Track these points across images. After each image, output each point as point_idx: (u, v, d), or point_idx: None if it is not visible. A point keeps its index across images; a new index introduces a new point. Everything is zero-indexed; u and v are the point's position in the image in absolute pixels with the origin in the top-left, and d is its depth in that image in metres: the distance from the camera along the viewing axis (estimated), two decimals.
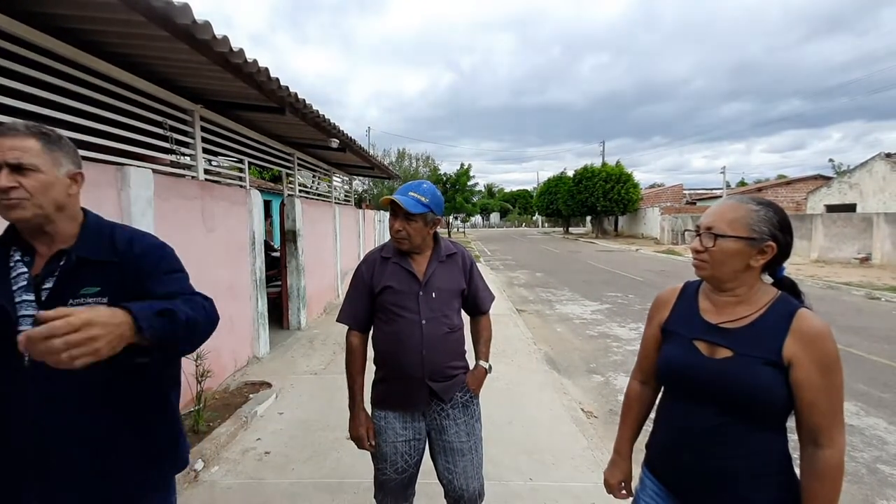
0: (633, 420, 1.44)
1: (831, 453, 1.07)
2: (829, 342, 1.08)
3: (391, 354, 1.75)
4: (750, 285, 1.18)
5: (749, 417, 1.12)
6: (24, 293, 1.09)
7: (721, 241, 1.14)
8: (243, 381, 4.39)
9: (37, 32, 2.61)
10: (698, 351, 1.19)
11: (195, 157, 4.18)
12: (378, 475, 1.84)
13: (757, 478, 1.13)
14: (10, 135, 1.07)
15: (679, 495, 1.25)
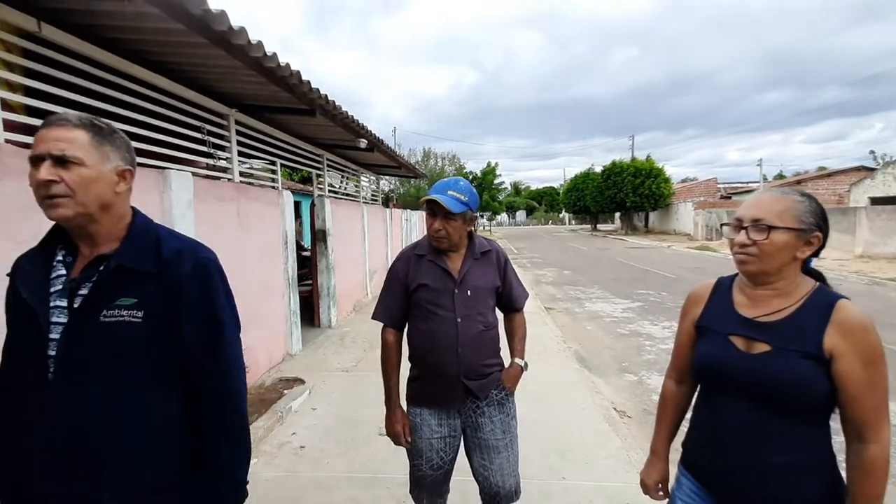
0: (668, 420, 1.42)
1: (877, 448, 1.04)
2: (871, 334, 1.06)
3: (427, 352, 1.77)
4: (791, 278, 1.15)
5: (788, 413, 1.09)
6: (58, 298, 1.02)
7: (773, 234, 1.10)
8: (277, 377, 4.51)
9: (85, 43, 2.74)
10: (734, 346, 1.17)
11: (231, 159, 4.31)
12: (414, 471, 1.86)
13: (798, 476, 1.10)
14: (58, 125, 1.00)
15: (717, 494, 1.22)
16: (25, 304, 1.01)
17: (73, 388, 0.98)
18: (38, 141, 0.99)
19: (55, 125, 0.99)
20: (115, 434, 1.00)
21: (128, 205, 1.10)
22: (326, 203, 6.58)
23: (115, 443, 1.00)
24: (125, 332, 1.00)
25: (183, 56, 3.19)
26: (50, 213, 0.99)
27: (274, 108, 4.53)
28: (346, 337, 6.19)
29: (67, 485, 0.99)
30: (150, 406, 1.04)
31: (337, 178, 8.54)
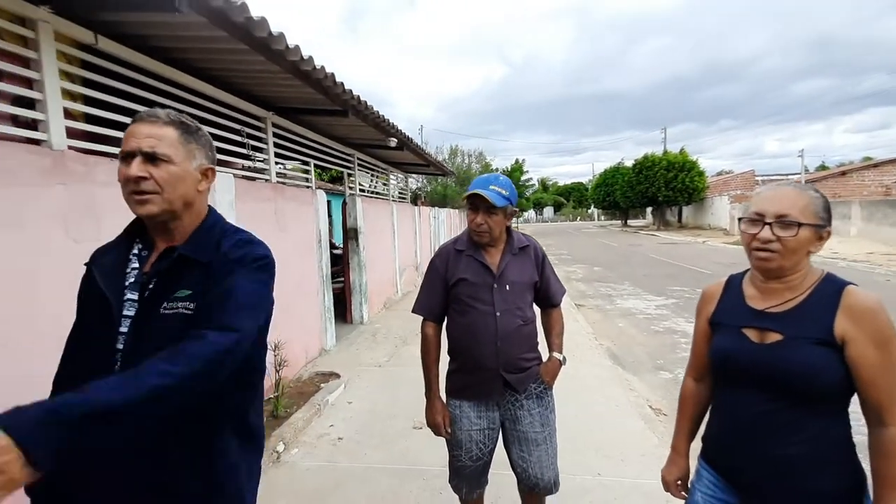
0: (688, 417, 1.42)
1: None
2: (881, 316, 1.05)
3: (466, 346, 1.80)
4: (803, 271, 1.16)
5: (803, 402, 1.09)
6: (130, 291, 1.03)
7: (801, 231, 1.09)
8: (314, 371, 4.65)
9: (136, 53, 2.89)
10: (747, 338, 1.18)
11: (268, 161, 4.46)
12: (453, 462, 1.90)
13: (817, 465, 1.09)
14: (149, 121, 1.02)
15: (737, 486, 1.22)
16: (102, 295, 1.01)
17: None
18: (128, 136, 1.01)
19: (146, 121, 1.01)
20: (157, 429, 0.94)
21: (206, 202, 1.13)
22: (358, 202, 6.70)
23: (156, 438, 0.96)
24: (179, 325, 0.98)
25: (224, 62, 3.32)
26: (137, 209, 1.01)
27: (308, 110, 4.65)
28: (377, 333, 6.30)
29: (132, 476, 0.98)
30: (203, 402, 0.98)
31: (367, 177, 8.68)
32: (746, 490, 1.20)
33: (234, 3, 2.31)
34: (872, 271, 11.55)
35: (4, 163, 1.98)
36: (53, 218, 2.20)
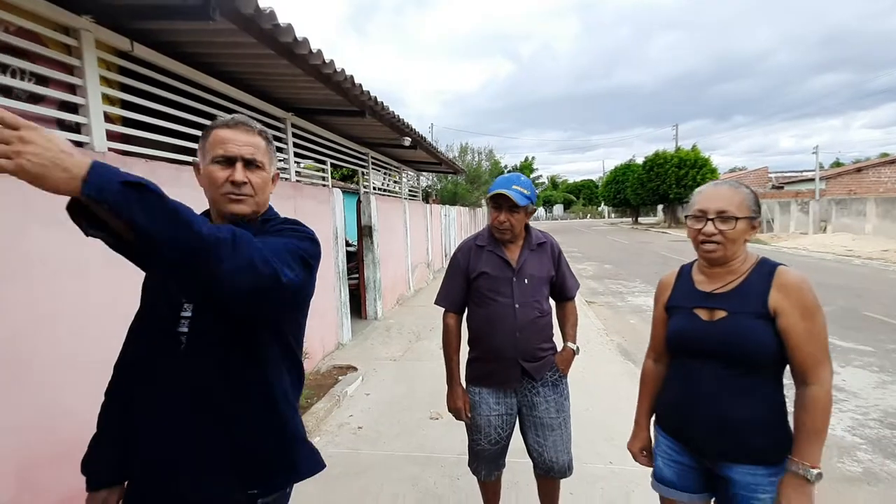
0: (649, 394, 1.59)
1: (818, 389, 1.20)
2: (806, 290, 1.23)
3: (486, 335, 1.91)
4: (741, 256, 1.34)
5: (747, 369, 1.26)
6: None
7: (738, 223, 1.28)
8: (331, 364, 4.79)
9: (169, 59, 3.03)
10: (698, 317, 1.35)
11: (288, 160, 4.59)
12: (473, 445, 2.01)
13: (756, 424, 1.26)
14: (246, 129, 1.11)
15: (689, 446, 1.39)
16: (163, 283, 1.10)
17: (197, 356, 1.06)
18: (225, 142, 1.07)
19: (242, 129, 1.09)
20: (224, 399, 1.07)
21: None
22: (372, 199, 6.83)
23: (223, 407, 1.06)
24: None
25: (249, 66, 3.45)
26: (232, 208, 1.08)
27: (326, 111, 4.78)
28: (391, 328, 6.43)
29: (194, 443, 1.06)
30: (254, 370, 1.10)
31: (380, 176, 8.81)
32: (698, 449, 1.37)
33: (263, 11, 2.43)
34: (887, 269, 11.44)
35: None
36: None
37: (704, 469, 1.38)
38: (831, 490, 2.75)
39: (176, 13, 2.31)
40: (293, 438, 1.17)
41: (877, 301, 7.72)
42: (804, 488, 1.18)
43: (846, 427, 3.50)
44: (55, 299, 2.06)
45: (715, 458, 1.33)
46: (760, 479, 1.25)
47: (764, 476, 1.25)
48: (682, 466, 1.42)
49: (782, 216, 24.00)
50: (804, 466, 1.18)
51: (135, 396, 1.13)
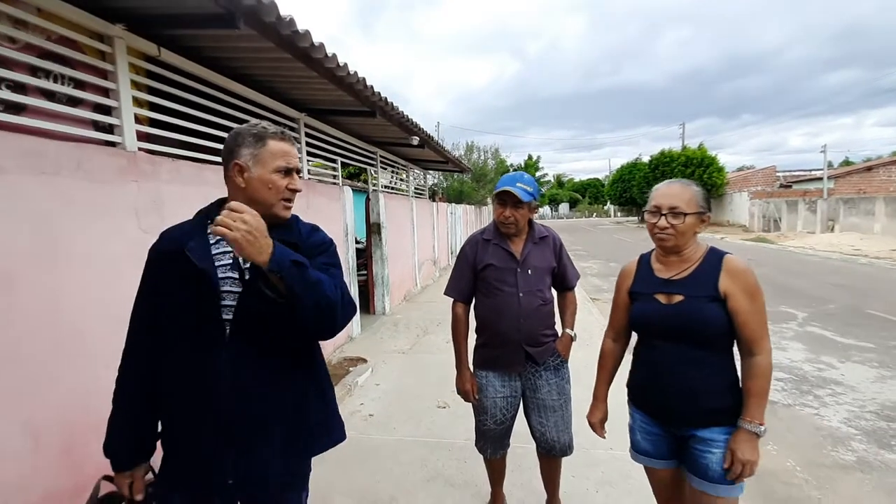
0: (607, 371, 1.80)
1: (761, 358, 1.41)
2: (750, 275, 1.44)
3: (493, 322, 2.05)
4: (693, 246, 1.53)
5: (702, 345, 1.45)
6: (230, 270, 1.20)
7: (687, 218, 1.47)
8: (342, 356, 4.96)
9: (192, 63, 3.19)
10: (659, 301, 1.53)
11: (301, 159, 4.76)
12: (479, 426, 2.15)
13: (712, 392, 1.45)
14: (293, 142, 1.25)
15: (658, 416, 1.58)
16: (200, 275, 1.16)
17: (244, 342, 1.17)
18: (286, 155, 1.22)
19: (291, 141, 1.26)
20: (277, 379, 1.21)
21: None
22: (381, 197, 6.99)
23: (278, 386, 1.21)
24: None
25: (266, 69, 3.61)
26: (285, 214, 1.24)
27: (337, 111, 4.94)
28: (399, 323, 6.59)
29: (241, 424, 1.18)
30: (298, 354, 1.27)
31: (388, 174, 8.97)
32: (665, 417, 1.55)
33: (284, 19, 2.58)
34: (893, 268, 11.44)
35: (90, 163, 2.29)
36: (128, 210, 2.50)
37: (672, 436, 1.56)
38: (825, 476, 2.87)
39: (204, 21, 2.47)
40: (334, 408, 1.38)
41: (881, 299, 7.77)
42: (753, 441, 1.39)
43: (842, 419, 3.61)
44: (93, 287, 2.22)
45: (679, 423, 1.52)
46: (716, 436, 1.45)
47: (718, 434, 1.45)
48: (655, 436, 1.60)
49: (790, 215, 23.92)
50: (754, 423, 1.39)
51: (179, 382, 1.20)
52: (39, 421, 1.96)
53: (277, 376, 1.22)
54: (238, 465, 1.19)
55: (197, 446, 1.20)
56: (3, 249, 1.85)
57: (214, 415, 1.17)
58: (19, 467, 1.89)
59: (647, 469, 1.68)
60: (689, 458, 1.50)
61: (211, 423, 1.17)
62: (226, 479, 1.19)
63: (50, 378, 2.01)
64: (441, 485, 2.68)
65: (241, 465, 1.19)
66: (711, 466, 1.44)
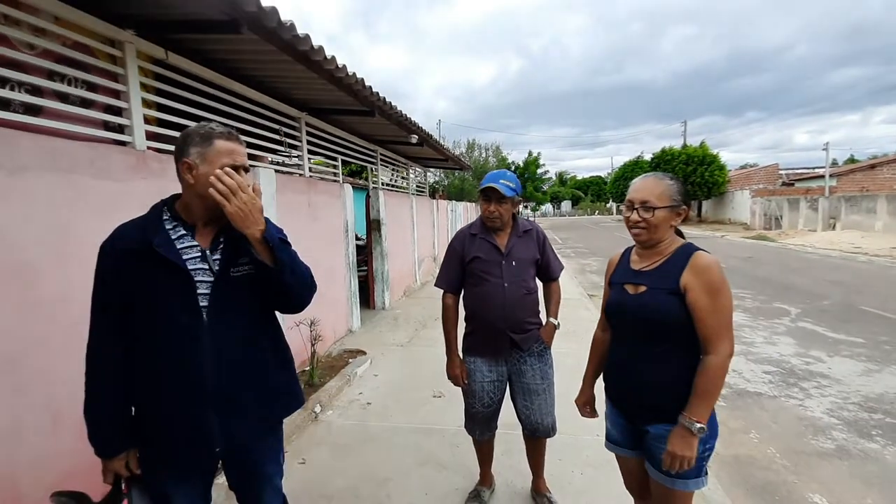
0: (596, 358, 1.82)
1: (714, 358, 1.37)
2: (714, 271, 1.40)
3: (479, 310, 2.18)
4: (668, 240, 1.52)
5: (661, 340, 1.46)
6: (199, 262, 1.28)
7: (657, 212, 1.47)
8: (342, 349, 5.10)
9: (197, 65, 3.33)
10: (626, 291, 1.56)
11: (302, 157, 4.89)
12: (468, 409, 2.29)
13: (666, 387, 1.46)
14: (239, 142, 1.30)
15: (621, 409, 1.61)
16: (173, 266, 1.24)
17: (221, 325, 1.29)
18: (233, 152, 1.28)
19: (238, 141, 1.31)
20: (250, 353, 1.35)
21: None
22: (381, 195, 7.12)
23: (254, 359, 1.36)
24: (246, 282, 1.33)
25: (268, 70, 3.75)
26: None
27: (338, 111, 5.07)
28: (398, 318, 6.73)
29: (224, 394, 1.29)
30: (264, 331, 1.41)
31: (388, 172, 9.10)
32: (625, 409, 1.59)
33: (285, 24, 2.71)
34: (892, 266, 11.49)
35: (103, 161, 2.43)
36: (137, 208, 2.61)
37: (634, 428, 1.58)
38: (803, 463, 3.00)
39: (209, 27, 2.60)
40: (295, 374, 1.54)
41: (875, 296, 7.85)
42: (687, 437, 1.38)
43: (825, 409, 3.73)
44: None
45: (633, 417, 1.56)
46: (667, 432, 1.44)
47: (669, 431, 1.45)
48: (621, 427, 1.64)
49: (791, 213, 23.92)
50: (690, 420, 1.37)
51: (160, 365, 1.28)
52: (58, 402, 2.11)
53: (250, 350, 1.35)
54: (223, 432, 1.31)
55: (184, 422, 1.29)
56: (23, 242, 2.00)
57: (200, 391, 1.27)
58: (42, 445, 2.04)
59: (616, 457, 1.74)
60: (647, 451, 1.53)
61: (198, 399, 1.27)
62: (214, 446, 1.31)
63: (68, 362, 2.16)
64: (433, 467, 2.82)
65: (226, 432, 1.31)
66: (666, 461, 1.45)
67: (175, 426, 1.30)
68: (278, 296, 1.36)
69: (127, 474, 1.36)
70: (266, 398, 1.40)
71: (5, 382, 1.92)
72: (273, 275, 1.29)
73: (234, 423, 1.32)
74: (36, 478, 2.01)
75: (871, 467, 2.93)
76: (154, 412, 1.32)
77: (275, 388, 1.43)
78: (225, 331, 1.29)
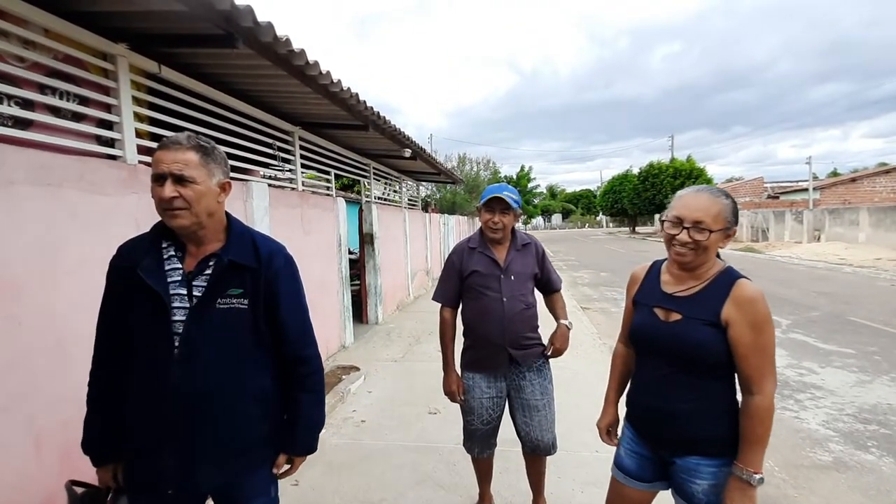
0: (618, 375, 1.69)
1: (760, 399, 1.25)
2: (760, 305, 1.26)
3: (478, 325, 2.16)
4: (712, 263, 1.38)
5: (693, 369, 1.33)
6: (179, 287, 1.20)
7: (712, 235, 1.30)
8: (335, 365, 5.01)
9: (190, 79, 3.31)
10: (657, 316, 1.42)
11: (295, 171, 4.87)
12: (467, 426, 2.24)
13: (698, 418, 1.34)
14: (174, 148, 1.17)
15: (645, 437, 1.48)
16: (151, 292, 1.18)
17: (193, 361, 1.18)
18: (158, 161, 1.17)
19: (171, 148, 1.17)
20: (225, 399, 1.22)
21: (224, 210, 1.30)
22: (374, 208, 7.10)
23: (224, 407, 1.22)
24: (234, 316, 1.23)
25: (262, 85, 3.74)
26: (171, 223, 1.18)
27: (331, 125, 5.07)
28: (392, 332, 6.66)
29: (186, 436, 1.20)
30: (249, 377, 1.27)
31: (381, 186, 9.09)
32: (649, 438, 1.46)
33: (280, 38, 2.71)
34: (878, 276, 11.71)
35: (94, 175, 2.38)
36: (128, 221, 2.59)
37: (659, 458, 1.46)
38: (802, 476, 2.98)
39: (204, 41, 2.59)
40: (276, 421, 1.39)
41: (863, 307, 7.96)
42: (747, 491, 1.25)
43: (820, 421, 3.73)
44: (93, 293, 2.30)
45: (662, 447, 1.43)
46: (701, 466, 1.34)
47: (704, 465, 1.34)
48: (641, 457, 1.50)
49: (777, 225, 24.34)
50: (747, 472, 1.24)
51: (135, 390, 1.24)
52: (41, 423, 2.03)
53: (222, 393, 1.22)
54: (181, 473, 1.21)
55: (144, 452, 1.23)
56: (9, 257, 1.94)
57: (161, 425, 1.20)
58: (23, 468, 1.95)
59: (617, 487, 1.59)
60: (675, 484, 1.42)
61: (158, 433, 1.20)
62: (166, 488, 1.21)
63: (51, 381, 2.08)
64: (430, 486, 2.75)
65: (184, 474, 1.21)
66: (696, 496, 1.35)
67: (136, 454, 1.26)
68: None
69: (114, 485, 1.35)
70: (228, 452, 1.26)
71: None
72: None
73: (193, 467, 1.22)
74: (16, 502, 1.92)
75: (868, 478, 2.93)
76: (128, 435, 1.27)
77: (243, 442, 1.28)
78: (197, 367, 1.19)
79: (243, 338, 1.25)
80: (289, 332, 1.33)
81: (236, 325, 1.24)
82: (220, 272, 1.22)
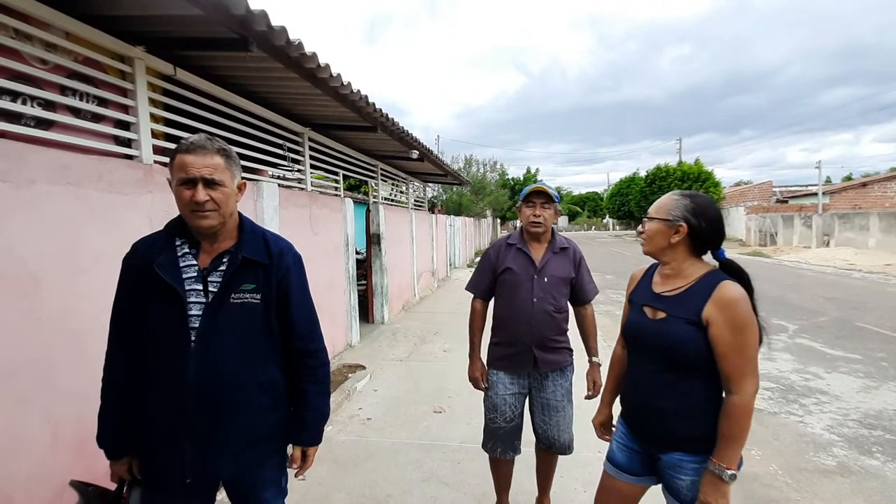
0: (615, 376, 1.75)
1: (739, 398, 1.29)
2: (741, 306, 1.30)
3: (506, 323, 2.19)
4: (679, 260, 1.45)
5: (676, 367, 1.39)
6: (195, 283, 1.26)
7: (650, 223, 1.46)
8: (341, 363, 5.07)
9: (205, 81, 3.38)
10: (645, 314, 1.50)
11: (304, 171, 4.94)
12: (489, 424, 2.26)
13: (681, 416, 1.40)
14: (201, 152, 1.22)
15: (635, 432, 1.55)
16: (168, 288, 1.23)
17: (209, 353, 1.24)
18: (186, 165, 1.21)
19: (198, 152, 1.22)
20: (239, 389, 1.28)
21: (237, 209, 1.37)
22: (381, 209, 7.16)
23: (239, 398, 1.28)
24: (248, 311, 1.29)
25: (273, 87, 3.80)
26: (200, 223, 1.24)
27: (340, 126, 5.13)
28: (397, 332, 6.71)
29: (203, 427, 1.25)
30: (261, 369, 1.33)
31: (388, 187, 9.15)
32: (639, 433, 1.53)
33: (293, 42, 2.77)
34: (887, 283, 11.59)
35: (112, 175, 2.45)
36: (143, 220, 2.66)
37: (648, 453, 1.51)
38: (805, 480, 2.99)
39: (219, 45, 2.65)
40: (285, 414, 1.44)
41: (871, 313, 7.90)
42: (719, 487, 1.30)
43: (825, 426, 3.73)
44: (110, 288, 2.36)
45: (649, 443, 1.50)
46: (685, 462, 1.40)
47: (687, 461, 1.40)
48: (632, 451, 1.56)
49: (786, 230, 24.14)
50: (720, 467, 1.29)
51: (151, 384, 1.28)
52: (58, 416, 2.09)
53: (237, 384, 1.27)
54: (197, 463, 1.25)
55: (161, 443, 1.27)
56: (30, 254, 2.00)
57: (177, 417, 1.23)
58: (40, 460, 2.01)
59: (608, 482, 1.63)
60: (663, 479, 1.48)
61: (175, 424, 1.24)
62: (184, 477, 1.26)
63: (68, 375, 2.15)
64: (436, 484, 2.79)
65: (200, 464, 1.26)
66: (682, 491, 1.41)
67: (154, 446, 1.29)
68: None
69: (129, 478, 1.38)
70: (243, 441, 1.31)
71: (5, 394, 1.90)
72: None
73: (210, 457, 1.27)
74: (32, 493, 1.98)
75: (872, 483, 2.93)
76: (146, 428, 1.31)
77: (256, 432, 1.34)
78: (213, 359, 1.24)
79: (255, 331, 1.31)
80: (298, 326, 1.39)
81: (249, 319, 1.29)
82: (235, 268, 1.27)
